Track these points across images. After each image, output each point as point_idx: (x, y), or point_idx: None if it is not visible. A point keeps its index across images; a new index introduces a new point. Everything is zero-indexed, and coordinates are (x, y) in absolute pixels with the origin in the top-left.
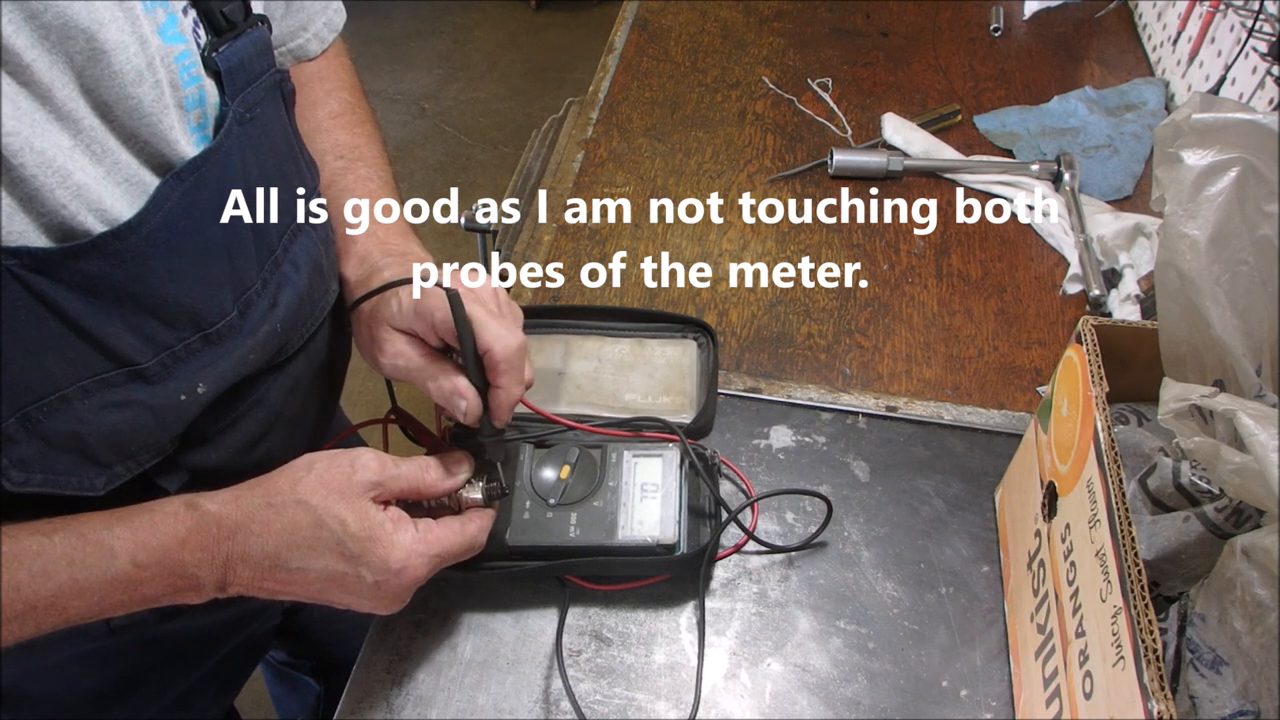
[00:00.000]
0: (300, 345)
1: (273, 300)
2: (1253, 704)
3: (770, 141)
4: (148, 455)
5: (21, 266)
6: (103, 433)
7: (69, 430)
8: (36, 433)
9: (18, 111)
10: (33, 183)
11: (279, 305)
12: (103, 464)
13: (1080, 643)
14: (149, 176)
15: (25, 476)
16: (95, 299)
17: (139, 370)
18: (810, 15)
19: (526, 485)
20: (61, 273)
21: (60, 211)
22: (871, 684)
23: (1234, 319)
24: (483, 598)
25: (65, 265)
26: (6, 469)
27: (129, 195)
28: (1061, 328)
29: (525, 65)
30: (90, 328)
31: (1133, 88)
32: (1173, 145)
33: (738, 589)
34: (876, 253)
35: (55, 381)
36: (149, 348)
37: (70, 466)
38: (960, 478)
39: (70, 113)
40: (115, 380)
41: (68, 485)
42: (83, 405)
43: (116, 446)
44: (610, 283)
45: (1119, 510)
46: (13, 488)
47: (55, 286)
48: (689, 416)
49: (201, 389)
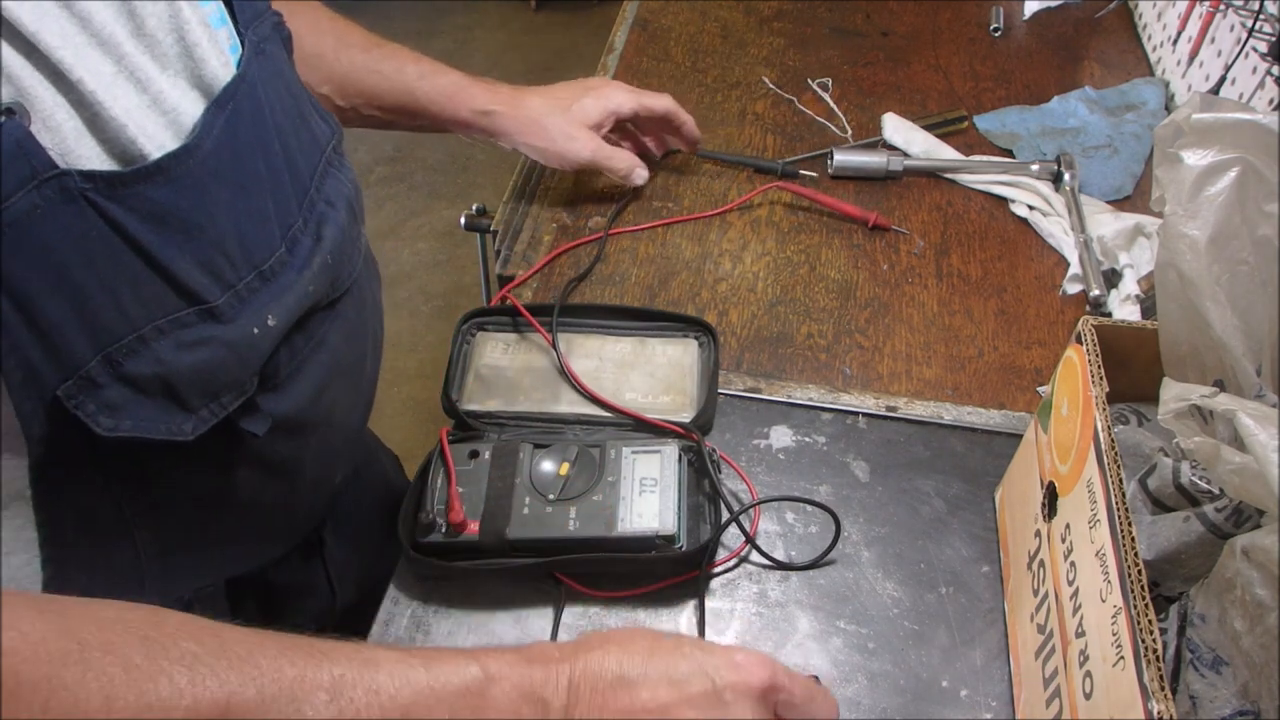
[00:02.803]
0: (345, 286)
1: (316, 235)
2: (1253, 704)
3: (770, 141)
4: (231, 396)
5: (95, 191)
6: (184, 373)
7: (151, 373)
8: (120, 375)
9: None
10: (94, 107)
11: (324, 239)
12: (189, 408)
13: (1080, 643)
14: (190, 104)
15: (115, 422)
16: (164, 230)
17: (210, 309)
18: (810, 15)
19: (526, 481)
20: (131, 199)
21: (120, 135)
22: (871, 684)
23: (1234, 319)
24: (483, 597)
25: (134, 190)
26: (95, 414)
27: (172, 125)
28: (1061, 328)
29: (525, 65)
30: (163, 261)
31: (1133, 88)
32: (1173, 145)
33: (738, 589)
34: (876, 253)
35: (132, 321)
36: (217, 285)
37: (157, 411)
38: (960, 478)
39: (110, 37)
40: (188, 320)
41: (156, 430)
42: (160, 346)
43: (199, 387)
44: (610, 282)
45: (1119, 510)
46: (104, 433)
47: (128, 214)
48: (689, 416)
49: (271, 321)
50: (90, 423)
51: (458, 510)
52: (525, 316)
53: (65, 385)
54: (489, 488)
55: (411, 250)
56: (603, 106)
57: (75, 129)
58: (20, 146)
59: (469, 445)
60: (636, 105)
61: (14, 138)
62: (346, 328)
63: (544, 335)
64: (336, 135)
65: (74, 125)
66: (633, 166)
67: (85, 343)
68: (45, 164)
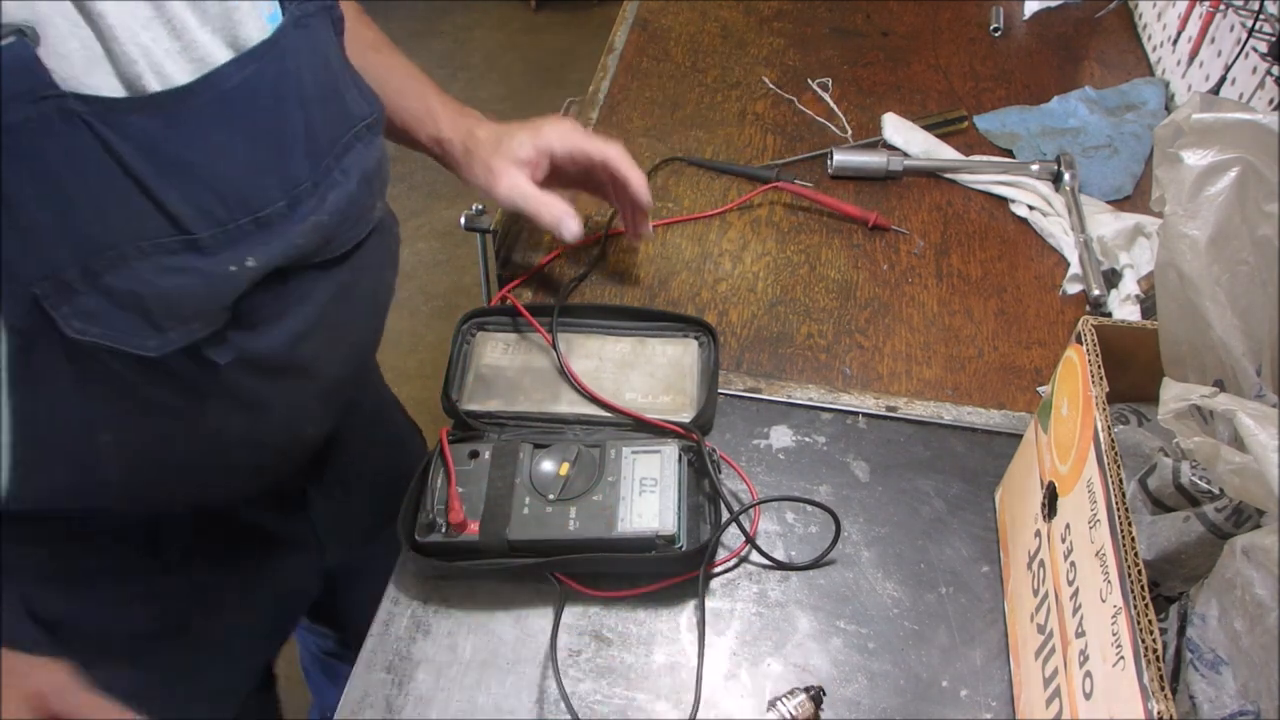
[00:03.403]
0: (346, 251)
1: (321, 198)
2: (1253, 704)
3: (770, 141)
4: (201, 324)
5: (91, 114)
6: (160, 295)
7: (128, 289)
8: (98, 286)
9: None
10: (112, 41)
11: (326, 202)
12: (159, 328)
13: (1080, 643)
14: (220, 57)
15: (85, 327)
16: (156, 159)
17: (194, 240)
18: (810, 15)
19: (526, 482)
20: (127, 126)
21: (131, 69)
22: (871, 684)
23: (1234, 319)
24: (483, 598)
25: (129, 119)
26: (68, 316)
27: (197, 73)
28: (1061, 328)
29: (525, 65)
30: (152, 188)
31: (1133, 88)
32: (1173, 145)
33: (738, 589)
34: (876, 253)
35: (115, 236)
36: (204, 220)
37: (128, 325)
38: (960, 478)
39: None
40: (172, 246)
41: (124, 342)
42: (141, 265)
43: (172, 310)
44: (610, 282)
45: (1119, 510)
46: (74, 335)
47: (123, 141)
48: (689, 416)
49: (250, 263)
50: (63, 324)
51: (458, 510)
52: (525, 316)
53: (42, 284)
54: (489, 488)
55: (411, 250)
56: (534, 144)
57: (87, 57)
58: (22, 63)
59: (469, 445)
60: (569, 146)
61: (17, 55)
62: (336, 289)
63: (544, 335)
64: (374, 114)
65: (86, 54)
66: (560, 217)
67: (65, 248)
68: (45, 84)
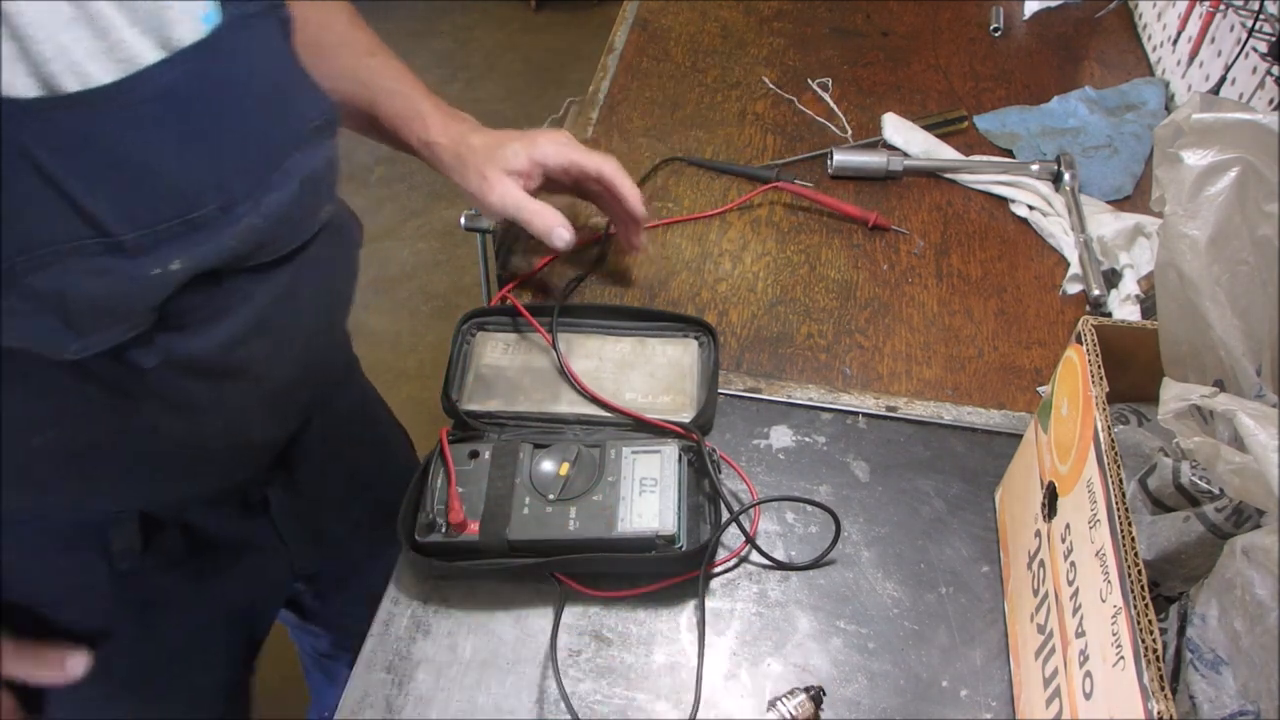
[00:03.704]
0: (288, 253)
1: (256, 201)
2: (1253, 704)
3: (770, 141)
4: (124, 328)
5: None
6: (81, 298)
7: (49, 290)
8: (17, 288)
9: None
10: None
11: (262, 205)
12: (79, 330)
13: (1080, 643)
14: (149, 58)
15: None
16: (74, 160)
17: (117, 242)
18: (810, 15)
19: (526, 482)
20: (44, 128)
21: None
22: (871, 684)
23: (1234, 319)
24: (483, 598)
25: (44, 117)
26: None
27: (124, 73)
28: (1061, 328)
29: (525, 65)
30: (69, 190)
31: (1133, 88)
32: (1173, 145)
33: (738, 589)
34: (876, 253)
35: (33, 240)
36: (128, 222)
37: (46, 327)
38: (960, 478)
39: None
40: (92, 249)
41: (40, 345)
42: (61, 268)
43: (93, 314)
44: (610, 282)
45: (1119, 510)
46: None
47: (36, 142)
48: (689, 416)
49: (175, 265)
50: None
51: (457, 510)
52: (525, 316)
53: None
54: (489, 488)
55: (411, 250)
56: (528, 155)
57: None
58: None
59: (469, 445)
60: (564, 159)
61: None
62: (279, 291)
63: (544, 335)
64: (324, 117)
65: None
66: (552, 226)
67: None
68: None
